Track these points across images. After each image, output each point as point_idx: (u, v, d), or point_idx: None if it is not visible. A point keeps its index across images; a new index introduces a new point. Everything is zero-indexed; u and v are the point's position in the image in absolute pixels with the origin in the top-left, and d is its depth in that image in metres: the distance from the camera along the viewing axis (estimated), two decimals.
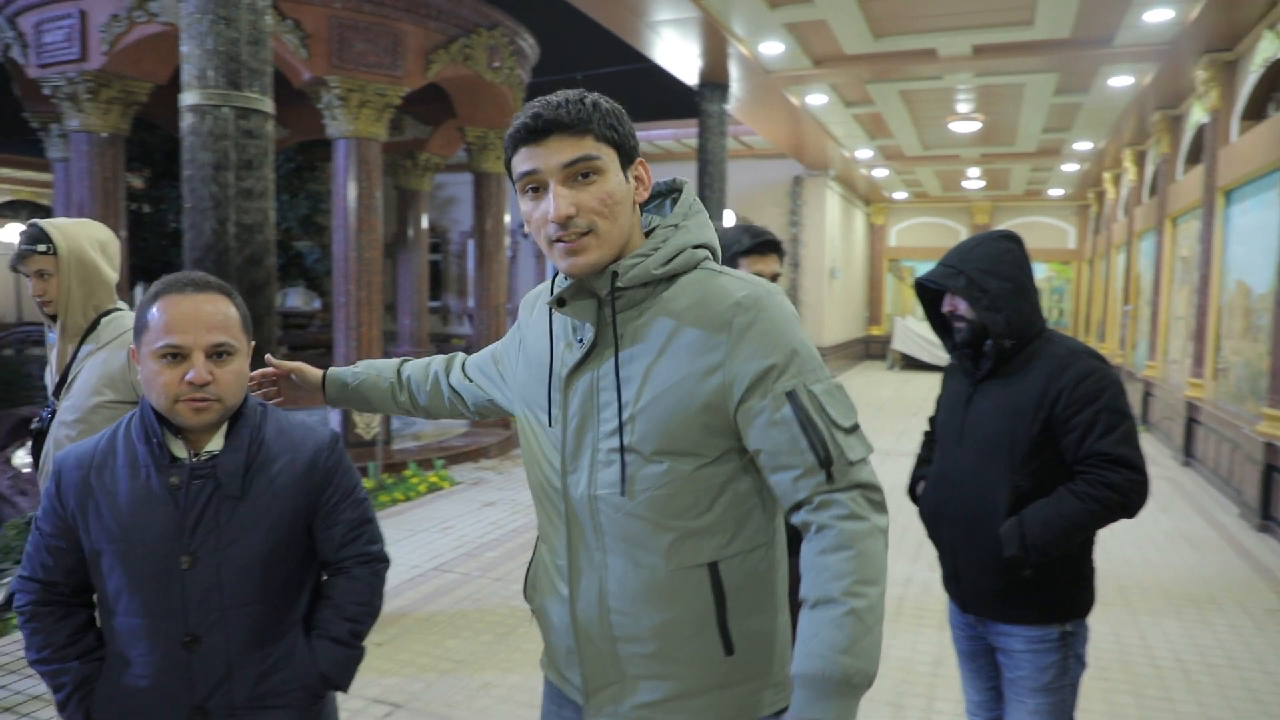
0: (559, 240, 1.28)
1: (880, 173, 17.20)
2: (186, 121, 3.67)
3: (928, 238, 21.59)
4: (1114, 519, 2.04)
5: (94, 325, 2.51)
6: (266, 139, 3.81)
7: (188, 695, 1.51)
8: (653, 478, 1.30)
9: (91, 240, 2.50)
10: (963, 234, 21.52)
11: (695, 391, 1.28)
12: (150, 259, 14.28)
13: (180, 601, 1.49)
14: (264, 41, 3.72)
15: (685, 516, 1.31)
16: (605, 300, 1.32)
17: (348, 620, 1.63)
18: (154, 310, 1.48)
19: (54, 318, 2.52)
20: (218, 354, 1.48)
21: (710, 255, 1.38)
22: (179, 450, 1.52)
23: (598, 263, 1.29)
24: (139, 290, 19.50)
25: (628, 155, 1.32)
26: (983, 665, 2.31)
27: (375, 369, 1.84)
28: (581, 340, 1.36)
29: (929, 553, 5.17)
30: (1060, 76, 9.80)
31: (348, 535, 1.64)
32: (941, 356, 18.77)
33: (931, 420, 2.52)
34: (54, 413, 2.50)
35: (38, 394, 12.98)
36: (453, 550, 5.63)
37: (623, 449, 1.31)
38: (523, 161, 1.28)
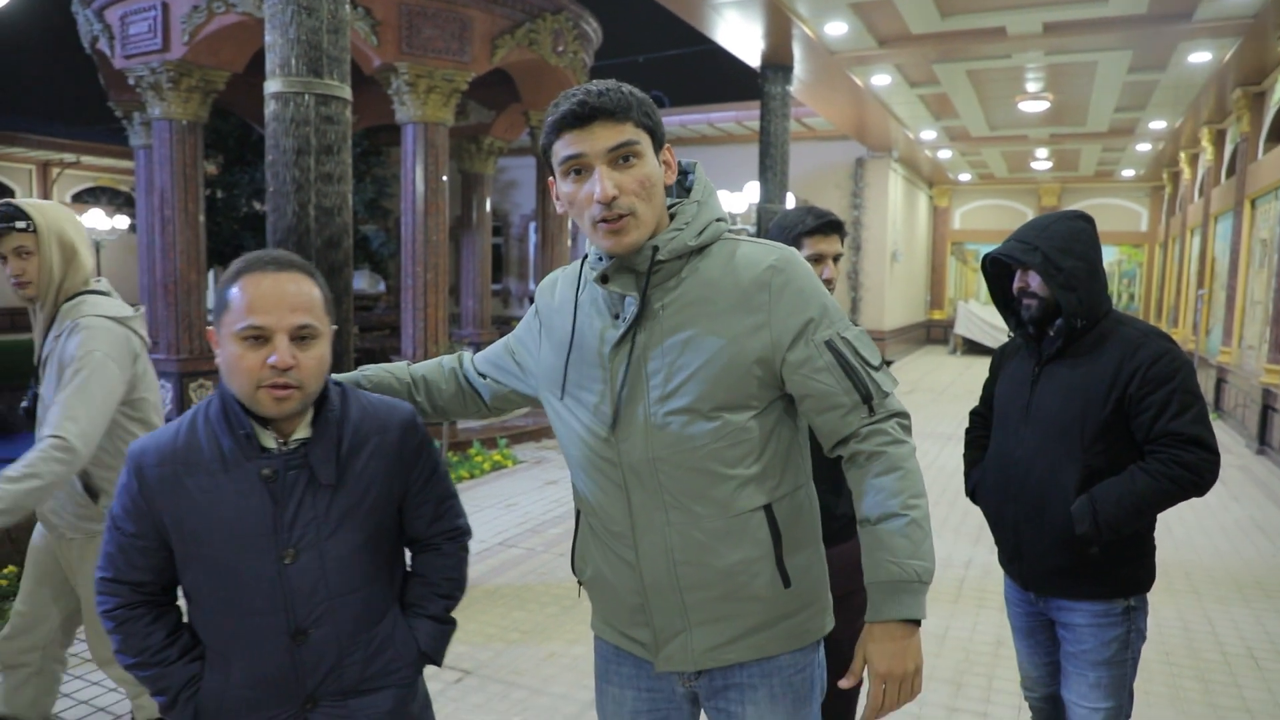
0: (603, 220, 1.37)
1: (945, 154, 16.90)
2: (270, 109, 3.82)
3: (993, 220, 21.15)
4: (1186, 497, 2.05)
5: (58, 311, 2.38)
6: (345, 125, 3.95)
7: (297, 687, 1.48)
8: (711, 433, 1.40)
9: (70, 221, 2.40)
10: (1030, 216, 21.00)
11: (746, 348, 1.39)
12: (223, 243, 14.73)
13: (285, 597, 1.45)
14: (343, 30, 3.86)
15: (741, 465, 1.42)
16: (645, 274, 1.41)
17: (442, 597, 1.63)
18: (235, 290, 1.41)
19: (31, 300, 2.40)
20: (301, 337, 1.41)
21: (727, 225, 1.50)
22: (267, 440, 1.45)
23: (637, 242, 1.39)
24: (212, 274, 20.07)
25: (659, 141, 1.43)
26: (1040, 641, 2.34)
27: (388, 370, 1.81)
28: (619, 316, 1.45)
29: (990, 536, 5.16)
30: (1135, 54, 9.53)
31: (437, 511, 1.63)
32: (1004, 340, 18.40)
33: (974, 415, 2.52)
34: (36, 395, 2.41)
35: None
36: (517, 526, 5.78)
37: (680, 410, 1.40)
38: (567, 146, 1.37)
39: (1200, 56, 9.36)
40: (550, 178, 1.46)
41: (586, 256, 1.52)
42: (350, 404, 1.53)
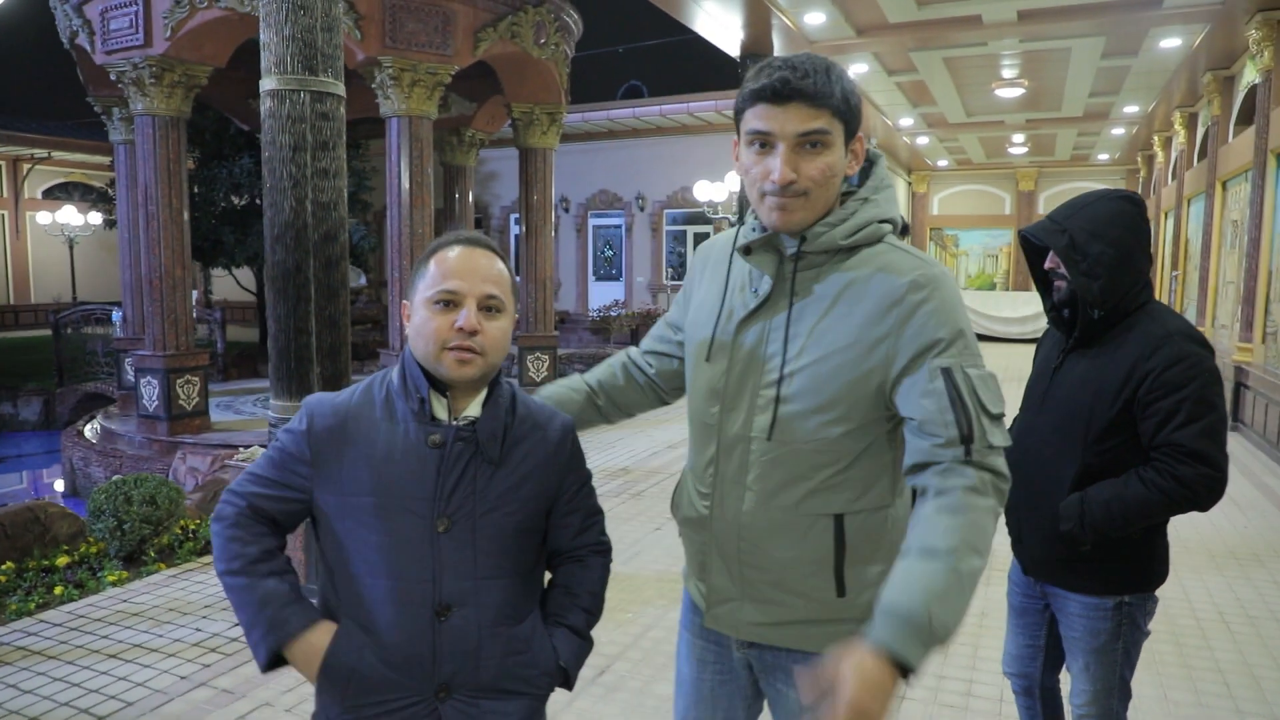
0: (773, 196, 1.36)
1: (923, 140, 17.07)
2: (266, 106, 3.88)
3: (971, 205, 21.37)
4: (1179, 511, 1.97)
5: None
6: (339, 121, 4.02)
7: (433, 670, 1.47)
8: (803, 431, 1.40)
9: None
10: (1007, 201, 21.27)
11: (861, 359, 1.36)
12: (202, 238, 14.58)
13: (433, 566, 1.45)
14: (336, 28, 3.92)
15: (823, 471, 1.41)
16: (788, 259, 1.42)
17: (584, 610, 1.61)
18: (431, 264, 1.46)
19: None
20: (488, 307, 1.45)
21: (893, 229, 1.44)
22: (439, 410, 1.48)
23: (804, 222, 1.38)
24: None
25: (852, 131, 1.39)
26: (1030, 623, 2.33)
27: (563, 384, 1.80)
28: (756, 291, 1.46)
29: None
30: (1108, 40, 9.71)
31: (584, 524, 1.63)
32: (986, 326, 18.64)
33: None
34: None
35: (101, 370, 13.46)
36: None
37: (779, 399, 1.41)
38: (758, 119, 1.35)
39: (1171, 42, 9.55)
40: (735, 138, 1.44)
41: (743, 223, 1.51)
42: (518, 397, 1.58)
